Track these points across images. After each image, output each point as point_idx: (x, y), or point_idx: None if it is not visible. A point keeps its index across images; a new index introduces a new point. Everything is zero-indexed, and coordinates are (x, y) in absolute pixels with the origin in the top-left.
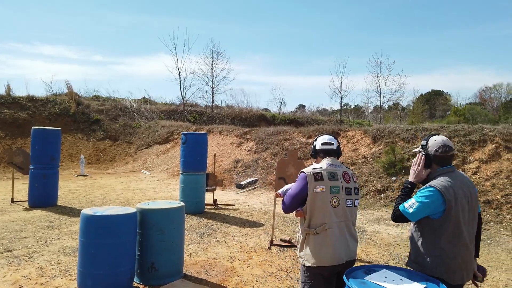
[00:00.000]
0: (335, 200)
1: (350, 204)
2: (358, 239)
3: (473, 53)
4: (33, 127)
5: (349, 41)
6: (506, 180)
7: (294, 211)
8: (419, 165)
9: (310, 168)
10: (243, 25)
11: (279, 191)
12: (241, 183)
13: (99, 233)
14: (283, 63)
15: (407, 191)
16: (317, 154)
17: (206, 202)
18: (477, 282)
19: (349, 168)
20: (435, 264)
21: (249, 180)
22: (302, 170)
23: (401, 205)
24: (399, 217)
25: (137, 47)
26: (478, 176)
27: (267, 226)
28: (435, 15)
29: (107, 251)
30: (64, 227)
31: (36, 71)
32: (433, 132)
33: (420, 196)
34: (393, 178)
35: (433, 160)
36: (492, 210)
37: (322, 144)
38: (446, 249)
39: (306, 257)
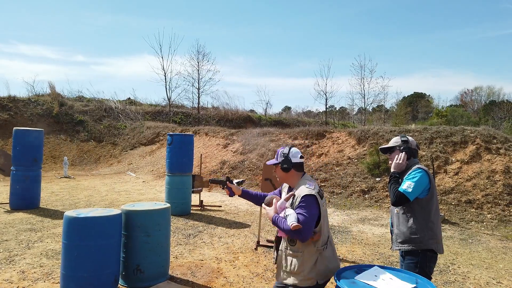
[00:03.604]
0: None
1: None
2: (343, 239)
3: (451, 56)
4: (14, 128)
5: (333, 43)
6: (487, 181)
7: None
8: (403, 160)
9: (310, 189)
10: (226, 27)
11: (273, 217)
12: None
13: (83, 235)
14: (268, 65)
15: (397, 179)
16: (292, 168)
17: (192, 203)
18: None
19: None
20: (428, 237)
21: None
22: (307, 193)
23: (400, 188)
24: (401, 198)
25: (119, 47)
26: (460, 177)
27: (253, 227)
28: (414, 19)
29: (91, 254)
30: (46, 229)
31: (15, 70)
32: (402, 133)
33: (413, 177)
34: (377, 179)
35: (412, 153)
36: (473, 210)
37: (300, 157)
38: (435, 222)
39: (318, 276)
